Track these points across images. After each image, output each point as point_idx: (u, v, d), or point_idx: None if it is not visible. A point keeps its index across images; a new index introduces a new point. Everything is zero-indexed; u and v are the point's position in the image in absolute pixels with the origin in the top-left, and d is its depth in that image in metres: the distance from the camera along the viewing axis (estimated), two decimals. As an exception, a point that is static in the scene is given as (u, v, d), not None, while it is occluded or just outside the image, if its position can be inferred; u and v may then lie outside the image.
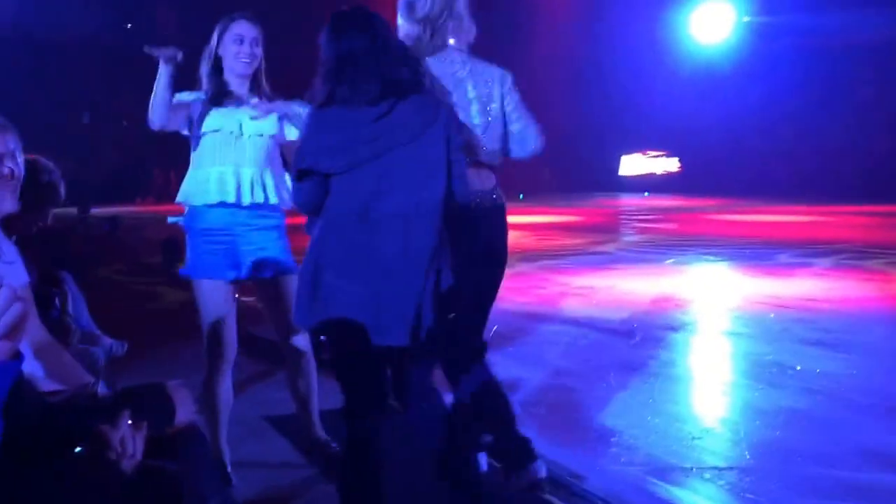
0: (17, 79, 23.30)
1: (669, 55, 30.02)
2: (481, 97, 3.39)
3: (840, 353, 6.07)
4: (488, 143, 3.41)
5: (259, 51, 3.78)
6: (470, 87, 3.37)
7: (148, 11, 28.37)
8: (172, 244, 11.09)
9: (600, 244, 13.78)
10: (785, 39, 28.15)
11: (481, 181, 3.40)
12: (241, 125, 3.71)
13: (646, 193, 29.43)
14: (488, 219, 3.48)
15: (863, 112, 28.31)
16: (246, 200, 3.67)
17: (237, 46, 3.70)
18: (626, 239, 15.41)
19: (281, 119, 3.78)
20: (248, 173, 3.68)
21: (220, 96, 3.74)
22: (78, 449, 1.75)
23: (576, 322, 7.32)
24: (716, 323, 7.63)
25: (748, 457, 4.06)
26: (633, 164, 32.62)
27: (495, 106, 3.41)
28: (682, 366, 6.04)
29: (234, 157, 3.69)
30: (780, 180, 27.95)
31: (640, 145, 31.97)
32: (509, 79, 3.47)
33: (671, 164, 31.85)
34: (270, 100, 3.80)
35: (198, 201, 3.72)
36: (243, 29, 3.71)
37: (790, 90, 28.20)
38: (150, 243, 13.13)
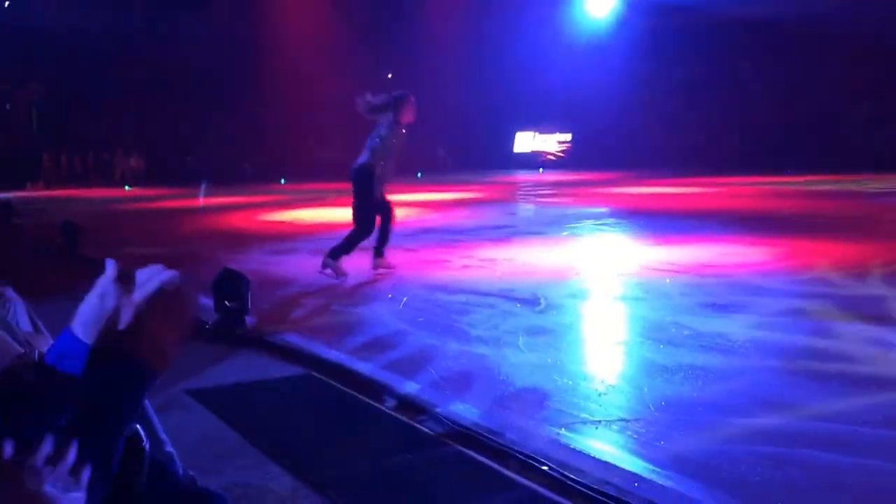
0: None
1: (562, 33, 30.75)
2: None
3: (733, 313, 6.41)
4: None
5: None
6: None
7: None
8: (72, 226, 10.95)
9: (499, 219, 14.06)
10: (674, 16, 29.19)
11: None
12: None
13: (541, 170, 29.93)
14: None
15: (744, 87, 29.49)
16: None
17: None
18: (524, 213, 15.72)
19: None
20: None
21: None
22: None
23: (481, 292, 7.52)
24: (615, 289, 7.90)
25: (652, 409, 4.31)
26: (527, 141, 33.10)
27: None
28: (585, 329, 6.32)
29: None
30: (669, 153, 28.93)
31: (534, 122, 32.49)
32: None
33: (565, 140, 32.48)
34: None
35: None
36: None
37: (679, 65, 29.27)
38: (49, 227, 12.89)
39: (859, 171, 22.30)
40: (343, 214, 15.41)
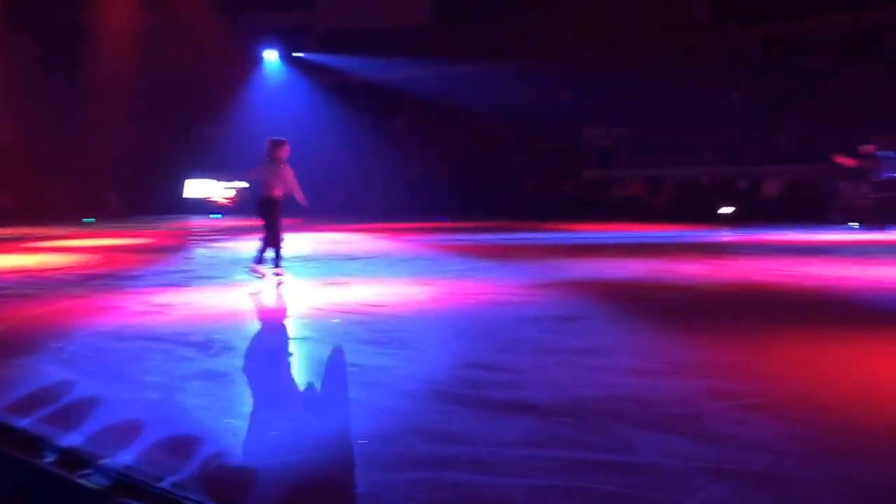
0: None
1: (240, 85, 31.66)
2: None
3: (392, 349, 6.88)
4: None
5: None
6: None
7: None
8: None
9: (174, 263, 13.87)
10: (331, 74, 31.46)
11: None
12: None
13: (215, 216, 29.70)
14: None
15: (398, 142, 32.37)
16: None
17: None
18: (199, 258, 15.55)
19: None
20: None
21: None
22: None
23: (157, 338, 7.44)
24: (287, 330, 8.16)
25: (324, 444, 4.54)
26: (199, 187, 32.87)
27: None
28: (258, 370, 6.47)
29: None
30: (337, 201, 30.82)
31: (208, 169, 32.54)
32: None
33: (235, 187, 32.65)
34: None
35: None
36: None
37: (343, 119, 31.40)
38: None
39: (504, 218, 25.42)
40: (11, 261, 14.52)
